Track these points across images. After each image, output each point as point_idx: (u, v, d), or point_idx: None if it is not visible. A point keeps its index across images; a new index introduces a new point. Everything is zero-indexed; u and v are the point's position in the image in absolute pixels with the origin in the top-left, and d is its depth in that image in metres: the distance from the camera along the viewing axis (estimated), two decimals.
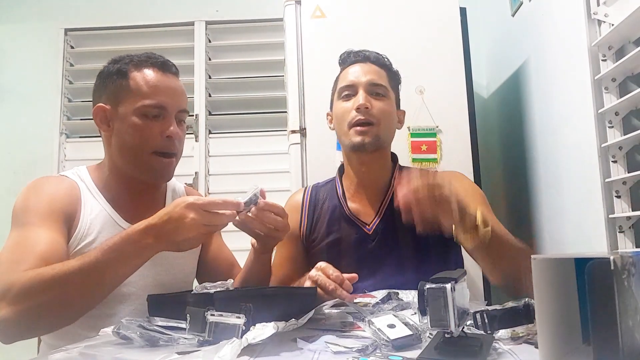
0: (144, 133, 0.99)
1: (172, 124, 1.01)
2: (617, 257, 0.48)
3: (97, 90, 1.06)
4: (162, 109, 1.00)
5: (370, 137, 1.16)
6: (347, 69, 1.24)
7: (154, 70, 1.01)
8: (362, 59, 1.23)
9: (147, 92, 0.99)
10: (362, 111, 1.15)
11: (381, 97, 1.19)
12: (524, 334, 0.67)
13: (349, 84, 1.20)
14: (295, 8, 1.73)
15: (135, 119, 0.98)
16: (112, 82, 1.02)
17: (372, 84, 1.19)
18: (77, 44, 2.55)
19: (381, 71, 1.22)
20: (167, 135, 1.00)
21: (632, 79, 1.19)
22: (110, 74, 1.02)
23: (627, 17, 1.09)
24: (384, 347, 0.63)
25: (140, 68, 1.01)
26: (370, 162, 1.21)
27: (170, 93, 1.02)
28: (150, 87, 0.99)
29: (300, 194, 1.32)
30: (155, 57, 1.04)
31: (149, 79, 1.00)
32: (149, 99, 0.98)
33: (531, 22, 1.70)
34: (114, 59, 1.05)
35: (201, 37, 2.47)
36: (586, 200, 1.31)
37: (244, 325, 0.66)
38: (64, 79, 2.47)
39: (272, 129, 2.41)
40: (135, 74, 1.00)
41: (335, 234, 1.21)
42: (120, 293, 0.96)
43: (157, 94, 0.99)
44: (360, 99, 1.16)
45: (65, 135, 2.47)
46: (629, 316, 0.48)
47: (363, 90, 1.18)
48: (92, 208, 1.01)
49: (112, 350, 0.68)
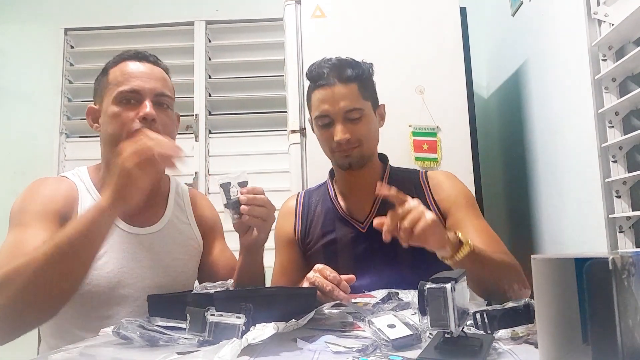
0: (121, 119, 0.99)
1: (147, 106, 1.00)
2: (617, 257, 0.48)
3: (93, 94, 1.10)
4: (136, 93, 1.00)
5: (355, 158, 1.16)
6: (317, 93, 1.16)
7: (128, 61, 1.04)
8: (327, 81, 1.13)
9: (121, 81, 1.01)
10: (344, 144, 1.14)
11: (358, 120, 1.14)
12: (524, 334, 0.67)
13: (323, 114, 1.15)
14: (295, 8, 1.73)
15: (113, 107, 1.00)
16: (98, 82, 1.07)
17: (347, 111, 1.13)
18: (77, 44, 2.55)
19: (352, 90, 1.14)
20: (141, 115, 0.98)
21: (632, 78, 1.19)
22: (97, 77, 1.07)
23: (627, 17, 1.09)
24: (384, 347, 0.63)
25: (117, 63, 1.04)
26: (358, 174, 1.22)
27: (144, 77, 1.02)
28: (124, 76, 1.01)
29: (293, 200, 1.32)
30: (130, 51, 1.07)
31: (124, 69, 1.03)
32: (123, 86, 1.00)
33: (531, 22, 1.70)
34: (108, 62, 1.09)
35: (201, 37, 2.47)
36: (586, 200, 1.31)
37: (244, 326, 0.66)
38: (64, 79, 2.48)
39: (272, 129, 2.41)
40: (114, 69, 1.04)
41: (330, 234, 1.21)
42: (119, 295, 0.96)
43: (130, 80, 1.01)
44: (339, 132, 1.13)
45: (65, 135, 2.47)
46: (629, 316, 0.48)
47: (339, 122, 1.13)
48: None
49: (112, 351, 0.68)
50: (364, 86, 1.17)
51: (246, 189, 0.99)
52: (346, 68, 1.15)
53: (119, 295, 0.96)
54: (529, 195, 1.78)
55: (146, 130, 0.92)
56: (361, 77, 1.17)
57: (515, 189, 1.97)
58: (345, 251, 1.19)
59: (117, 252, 0.98)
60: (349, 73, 1.14)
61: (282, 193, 1.66)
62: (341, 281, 0.93)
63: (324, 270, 0.95)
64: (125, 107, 0.99)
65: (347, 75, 1.14)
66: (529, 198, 1.78)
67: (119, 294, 0.95)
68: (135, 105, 1.00)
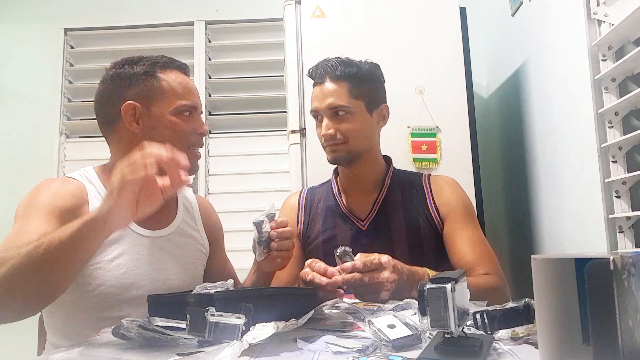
0: (182, 131, 1.04)
1: (202, 121, 1.09)
2: (617, 257, 0.48)
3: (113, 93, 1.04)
4: (194, 109, 1.06)
5: (341, 154, 1.20)
6: (313, 91, 1.23)
7: (180, 72, 1.08)
8: (320, 80, 1.20)
9: (181, 93, 1.04)
10: (328, 139, 1.19)
11: (344, 117, 1.18)
12: (524, 334, 0.67)
13: (313, 110, 1.23)
14: (295, 8, 1.73)
15: (173, 118, 1.03)
16: (141, 82, 1.03)
17: (332, 107, 1.18)
18: (77, 44, 2.56)
19: (340, 88, 1.17)
20: (200, 132, 1.07)
21: (632, 79, 1.19)
22: (136, 75, 1.04)
23: (627, 17, 1.09)
24: (384, 348, 0.63)
25: (166, 70, 1.06)
26: (355, 170, 1.24)
27: (197, 94, 1.09)
28: (183, 88, 1.05)
29: (295, 196, 1.34)
30: (174, 60, 1.09)
31: (180, 80, 1.06)
32: (185, 100, 1.04)
33: (531, 22, 1.70)
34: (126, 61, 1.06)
35: (201, 37, 2.47)
36: (586, 200, 1.31)
37: (244, 326, 0.66)
38: (64, 79, 2.48)
39: (272, 129, 2.41)
40: (165, 76, 1.05)
41: (330, 230, 1.23)
42: (132, 296, 0.95)
43: (189, 94, 1.06)
44: (323, 128, 1.19)
45: (65, 135, 2.47)
46: (629, 316, 0.48)
47: (326, 117, 1.19)
48: None
49: (112, 351, 0.68)
50: (357, 85, 1.19)
51: (274, 222, 1.02)
52: (338, 67, 1.19)
53: (132, 297, 0.95)
54: (529, 195, 1.78)
55: (171, 163, 0.82)
56: (355, 75, 1.19)
57: (515, 189, 1.97)
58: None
59: (130, 254, 0.98)
60: (338, 72, 1.18)
61: (282, 193, 1.66)
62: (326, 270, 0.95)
63: (311, 263, 0.98)
64: (184, 119, 1.04)
65: (337, 74, 1.18)
66: (529, 198, 1.78)
67: (132, 295, 0.95)
68: (190, 117, 1.05)
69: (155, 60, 1.06)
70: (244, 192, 2.35)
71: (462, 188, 1.27)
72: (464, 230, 1.17)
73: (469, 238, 1.16)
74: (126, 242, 0.99)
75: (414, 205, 1.23)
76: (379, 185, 1.25)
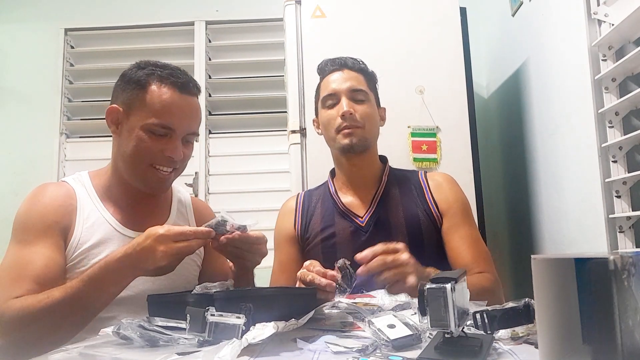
0: (146, 148, 1.00)
1: (177, 145, 1.02)
2: (617, 257, 0.48)
3: (116, 90, 1.06)
4: (170, 130, 1.01)
5: (357, 139, 1.19)
6: (328, 78, 1.26)
7: (172, 89, 1.01)
8: (340, 67, 1.25)
9: (158, 111, 0.99)
10: (347, 118, 1.19)
11: (362, 102, 1.22)
12: (524, 334, 0.67)
13: (331, 93, 1.23)
14: (295, 8, 1.73)
15: (141, 133, 1.00)
16: (130, 89, 1.02)
17: (353, 90, 1.22)
18: (77, 44, 2.56)
19: (359, 76, 1.25)
20: (168, 155, 1.02)
21: (632, 79, 1.19)
22: (131, 80, 1.03)
23: (627, 17, 1.09)
24: (384, 347, 0.63)
25: (159, 83, 1.01)
26: (359, 163, 1.25)
27: (182, 115, 1.02)
28: (163, 107, 1.00)
29: (293, 199, 1.34)
30: (177, 75, 1.04)
31: (164, 97, 1.00)
32: (158, 119, 0.99)
33: (531, 22, 1.70)
34: (140, 64, 1.05)
35: (201, 37, 2.47)
36: (586, 200, 1.31)
37: (244, 326, 0.66)
38: (64, 79, 2.48)
39: (272, 129, 2.41)
40: (153, 88, 1.01)
41: (329, 228, 1.23)
42: (120, 297, 0.96)
43: (168, 114, 1.00)
44: (344, 105, 1.20)
45: (65, 135, 2.47)
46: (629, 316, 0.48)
47: (345, 97, 1.21)
48: (89, 215, 1.02)
49: (112, 351, 0.68)
50: (370, 81, 1.28)
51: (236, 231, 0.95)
52: (356, 61, 1.27)
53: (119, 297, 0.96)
54: (529, 195, 1.78)
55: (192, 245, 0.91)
56: (367, 71, 1.28)
57: (515, 189, 1.97)
58: (344, 245, 1.20)
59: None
60: (356, 65, 1.27)
61: (282, 193, 1.67)
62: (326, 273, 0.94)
63: (310, 265, 0.97)
64: (155, 137, 1.00)
65: (357, 66, 1.26)
66: (529, 198, 1.78)
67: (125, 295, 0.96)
68: (164, 137, 1.01)
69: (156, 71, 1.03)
70: (244, 192, 2.35)
71: (459, 184, 1.27)
72: (462, 229, 1.18)
73: (466, 236, 1.16)
74: (114, 244, 1.01)
75: (413, 200, 1.23)
76: (376, 181, 1.26)
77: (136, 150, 1.00)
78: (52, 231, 0.97)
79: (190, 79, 1.06)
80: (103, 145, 2.60)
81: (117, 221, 1.04)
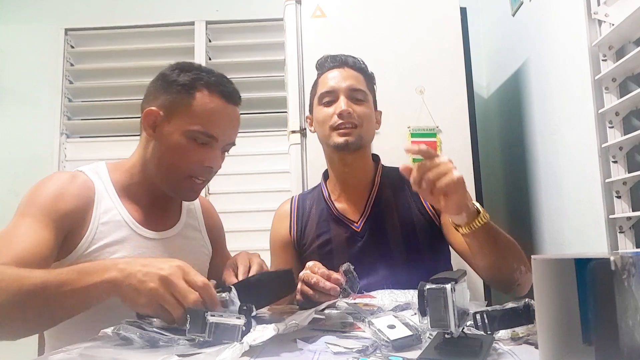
0: (185, 157, 0.98)
1: (217, 155, 1.01)
2: (617, 258, 0.48)
3: (154, 91, 1.02)
4: (212, 139, 0.99)
5: (353, 137, 1.17)
6: (326, 74, 1.24)
7: (219, 97, 1.00)
8: (340, 64, 1.23)
9: (204, 118, 0.97)
10: (345, 116, 1.17)
11: (361, 102, 1.20)
12: (524, 334, 0.67)
13: (329, 90, 1.21)
14: (296, 8, 1.73)
15: (182, 138, 0.97)
16: (175, 92, 0.99)
17: (352, 89, 1.20)
18: (77, 44, 2.55)
19: (359, 75, 1.23)
20: (207, 165, 1.00)
21: (632, 79, 1.19)
22: (175, 83, 0.99)
23: (627, 17, 1.09)
24: (384, 348, 0.63)
25: (207, 90, 0.99)
26: (352, 162, 1.22)
27: (226, 125, 1.01)
28: (210, 115, 0.98)
29: (287, 204, 1.33)
30: (225, 83, 1.03)
31: (212, 106, 0.98)
32: (204, 127, 0.97)
33: (531, 22, 1.70)
34: (183, 67, 1.02)
35: (201, 37, 2.47)
36: (586, 200, 1.31)
37: (244, 326, 0.66)
38: (64, 79, 2.47)
39: (272, 129, 2.41)
40: (201, 94, 0.98)
41: (325, 234, 1.22)
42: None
43: (214, 123, 0.98)
44: (342, 104, 1.17)
45: (65, 135, 2.47)
46: (629, 316, 0.48)
47: (344, 96, 1.19)
48: (105, 210, 0.98)
49: (111, 351, 0.68)
50: (369, 81, 1.26)
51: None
52: (355, 59, 1.26)
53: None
54: (529, 195, 1.78)
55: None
56: (366, 72, 1.26)
57: (515, 189, 1.97)
58: (340, 251, 1.19)
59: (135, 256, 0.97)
60: (357, 63, 1.25)
61: (282, 193, 1.66)
62: (330, 275, 0.93)
63: (314, 266, 0.97)
64: (196, 145, 0.98)
65: (358, 66, 1.25)
66: (529, 198, 1.78)
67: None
68: (205, 146, 0.99)
69: (203, 76, 1.00)
70: (244, 192, 2.34)
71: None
72: None
73: None
74: (130, 244, 0.98)
75: (407, 201, 1.22)
76: (369, 184, 1.25)
77: (175, 159, 0.98)
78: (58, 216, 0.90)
79: (235, 88, 1.05)
80: (104, 145, 2.61)
81: (134, 220, 1.01)
